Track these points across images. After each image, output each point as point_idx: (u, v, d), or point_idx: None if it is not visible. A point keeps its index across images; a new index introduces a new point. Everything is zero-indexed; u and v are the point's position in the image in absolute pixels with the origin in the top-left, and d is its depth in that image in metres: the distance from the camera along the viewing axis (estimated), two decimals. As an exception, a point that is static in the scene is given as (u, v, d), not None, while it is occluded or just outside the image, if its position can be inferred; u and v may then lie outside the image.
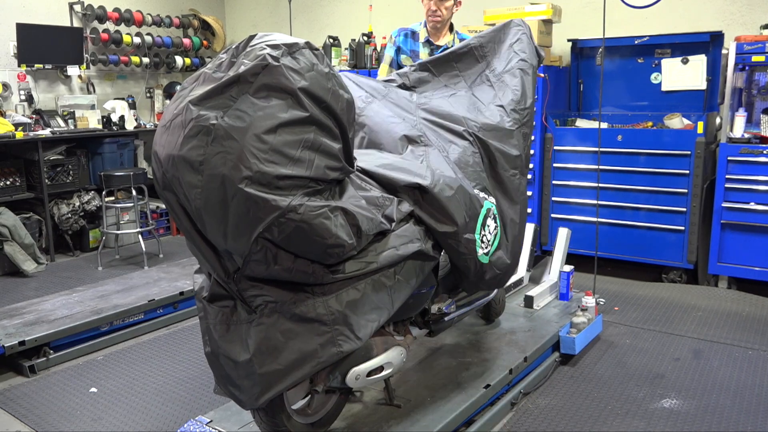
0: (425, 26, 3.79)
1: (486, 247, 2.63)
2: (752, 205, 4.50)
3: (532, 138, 3.01)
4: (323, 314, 2.09)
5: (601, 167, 4.84)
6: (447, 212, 2.40)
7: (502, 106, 2.93)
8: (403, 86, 3.07)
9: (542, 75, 4.88)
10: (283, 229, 1.90)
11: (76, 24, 6.56)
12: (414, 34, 3.83)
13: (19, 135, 5.47)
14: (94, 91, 6.78)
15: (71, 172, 5.98)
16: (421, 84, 3.09)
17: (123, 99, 6.78)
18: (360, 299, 2.16)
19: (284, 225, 1.89)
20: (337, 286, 2.12)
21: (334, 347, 2.12)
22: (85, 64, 6.49)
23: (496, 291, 3.22)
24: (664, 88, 5.26)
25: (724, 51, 4.74)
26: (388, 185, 2.33)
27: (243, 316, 2.10)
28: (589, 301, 3.76)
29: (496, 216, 2.72)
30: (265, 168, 1.84)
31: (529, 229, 4.35)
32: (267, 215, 1.86)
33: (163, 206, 6.47)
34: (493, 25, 5.12)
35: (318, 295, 2.09)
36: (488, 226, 2.65)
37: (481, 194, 2.66)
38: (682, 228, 4.79)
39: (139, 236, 5.69)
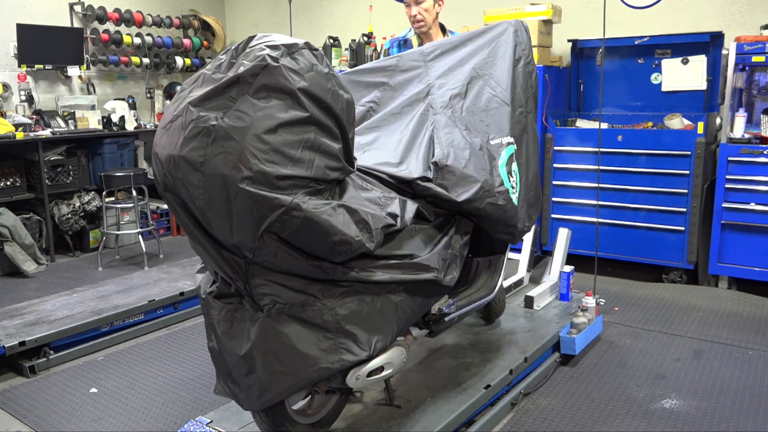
0: (416, 33, 3.70)
1: (515, 192, 2.76)
2: (752, 206, 4.50)
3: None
4: (329, 321, 2.11)
5: (601, 167, 4.84)
6: (468, 177, 2.51)
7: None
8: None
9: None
10: (288, 225, 1.92)
11: (77, 24, 6.56)
12: (406, 42, 3.72)
13: (20, 135, 5.47)
14: (95, 91, 6.78)
15: (71, 173, 5.99)
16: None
17: (123, 99, 6.78)
18: (367, 313, 2.19)
19: (288, 222, 1.91)
20: (345, 295, 2.14)
21: (335, 355, 2.13)
22: (85, 64, 6.50)
23: (496, 291, 3.22)
24: (664, 88, 5.26)
25: (724, 51, 4.74)
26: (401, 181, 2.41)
27: (248, 313, 2.10)
28: (590, 301, 3.75)
29: (514, 157, 2.83)
30: (266, 168, 1.84)
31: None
32: (271, 212, 1.88)
33: (164, 206, 6.49)
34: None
35: (327, 303, 2.10)
36: (514, 172, 2.78)
37: (506, 139, 2.77)
38: (683, 228, 4.79)
39: (140, 236, 5.69)
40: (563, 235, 4.31)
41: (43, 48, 6.05)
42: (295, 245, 2.00)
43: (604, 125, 5.24)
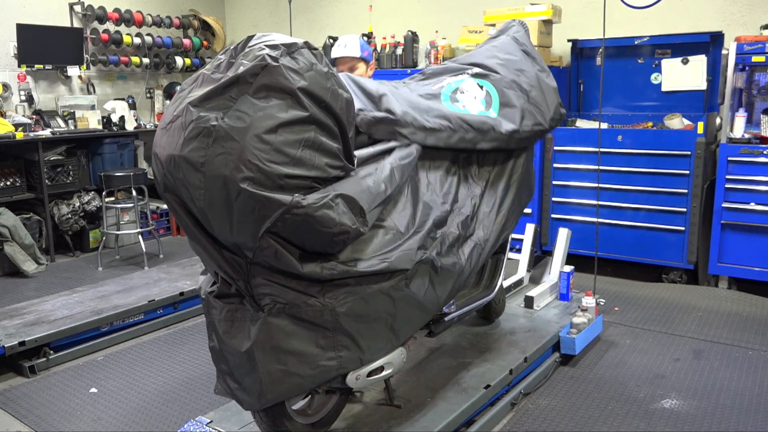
0: None
1: (487, 106, 2.87)
2: (752, 206, 4.50)
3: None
4: (329, 321, 2.11)
5: (601, 168, 4.84)
6: (413, 118, 2.63)
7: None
8: None
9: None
10: (288, 224, 1.92)
11: (77, 24, 6.56)
12: None
13: (20, 135, 5.47)
14: (95, 91, 6.78)
15: (71, 173, 5.99)
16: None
17: (123, 99, 6.78)
18: (367, 312, 2.18)
19: (290, 221, 1.91)
20: (345, 295, 2.14)
21: (334, 352, 2.13)
22: (85, 64, 6.50)
23: (496, 291, 3.22)
24: (664, 88, 5.25)
25: (724, 51, 4.74)
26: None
27: (249, 313, 2.10)
28: (590, 301, 3.75)
29: (477, 84, 2.95)
30: (266, 168, 1.84)
31: (530, 229, 4.39)
32: (272, 212, 1.88)
33: (164, 206, 6.49)
34: (493, 25, 5.17)
35: (327, 302, 2.10)
36: (463, 97, 2.89)
37: (447, 79, 2.95)
38: (683, 228, 4.79)
39: (139, 236, 5.69)
40: (563, 235, 4.31)
41: (43, 48, 6.05)
42: (294, 243, 2.00)
43: (604, 125, 5.24)
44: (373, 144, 2.48)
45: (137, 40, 6.93)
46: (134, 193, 5.60)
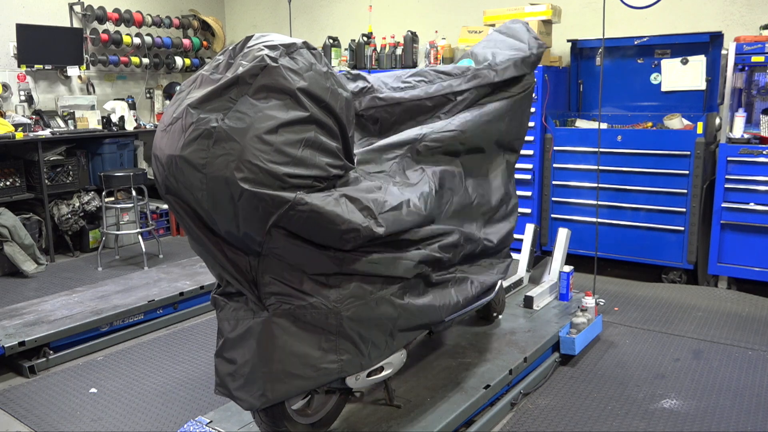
0: None
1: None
2: (752, 206, 4.50)
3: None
4: (333, 325, 2.11)
5: (601, 168, 4.84)
6: (385, 83, 2.85)
7: None
8: None
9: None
10: (295, 220, 1.93)
11: (76, 24, 6.56)
12: None
13: (19, 135, 5.47)
14: (94, 91, 6.78)
15: (71, 173, 5.99)
16: None
17: (123, 99, 6.78)
18: (370, 317, 2.19)
19: (295, 216, 1.93)
20: (351, 299, 2.15)
21: (335, 355, 2.13)
22: (85, 64, 6.50)
23: (496, 291, 3.22)
24: (663, 88, 5.26)
25: (723, 51, 4.74)
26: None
27: (251, 312, 2.11)
28: (589, 301, 3.75)
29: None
30: (267, 168, 1.85)
31: (529, 229, 4.39)
32: (276, 209, 1.89)
33: (164, 206, 6.50)
34: (493, 25, 5.17)
35: (331, 305, 2.10)
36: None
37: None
38: (682, 228, 4.79)
39: (139, 237, 5.69)
40: (563, 235, 4.31)
41: (42, 48, 6.05)
42: (305, 238, 2.01)
43: (604, 125, 5.24)
44: (377, 128, 2.65)
45: (137, 41, 6.93)
46: (134, 193, 5.60)
